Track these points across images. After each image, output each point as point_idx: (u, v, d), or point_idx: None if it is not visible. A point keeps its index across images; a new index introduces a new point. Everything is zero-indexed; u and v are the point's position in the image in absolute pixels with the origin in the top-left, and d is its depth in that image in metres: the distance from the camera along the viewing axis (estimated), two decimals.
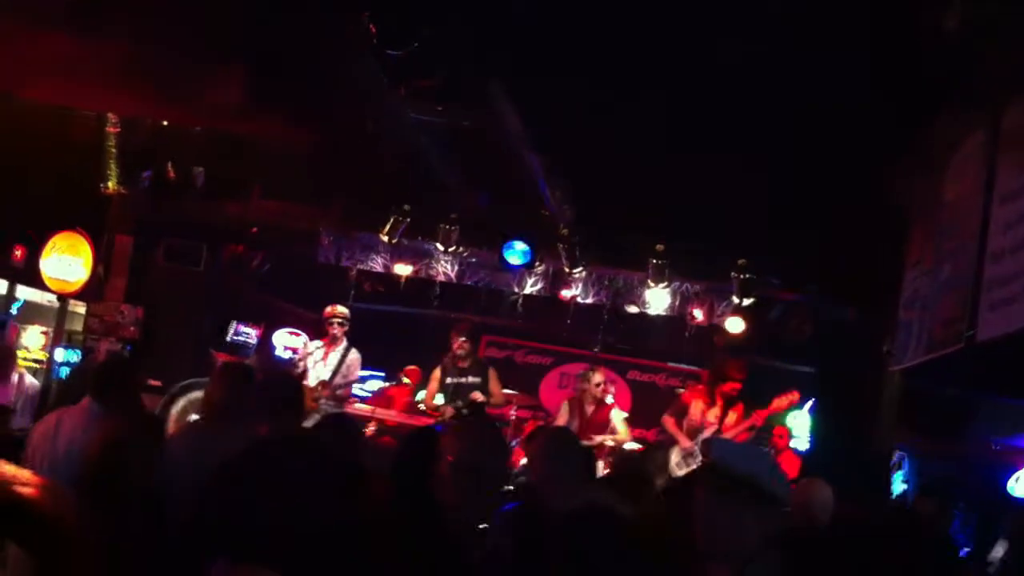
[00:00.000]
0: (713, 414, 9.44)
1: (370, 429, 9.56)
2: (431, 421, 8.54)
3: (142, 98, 8.21)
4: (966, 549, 8.59)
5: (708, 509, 2.84)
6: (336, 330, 9.08)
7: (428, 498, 3.14)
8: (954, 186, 6.64)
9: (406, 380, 11.01)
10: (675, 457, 9.24)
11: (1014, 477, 10.66)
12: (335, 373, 8.87)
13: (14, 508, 2.16)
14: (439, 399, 9.23)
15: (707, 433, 9.29)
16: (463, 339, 9.22)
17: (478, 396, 9.06)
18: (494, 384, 9.32)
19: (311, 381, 8.70)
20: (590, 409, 9.46)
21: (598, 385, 9.47)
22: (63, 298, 10.68)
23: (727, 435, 9.26)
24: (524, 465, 8.29)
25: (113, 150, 9.86)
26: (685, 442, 9.24)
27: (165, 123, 9.55)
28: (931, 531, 6.24)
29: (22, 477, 2.76)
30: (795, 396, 9.53)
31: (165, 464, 4.64)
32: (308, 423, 7.36)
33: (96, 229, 10.55)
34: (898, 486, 10.18)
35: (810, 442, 11.34)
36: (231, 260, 11.12)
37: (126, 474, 3.24)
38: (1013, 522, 5.90)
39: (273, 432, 4.36)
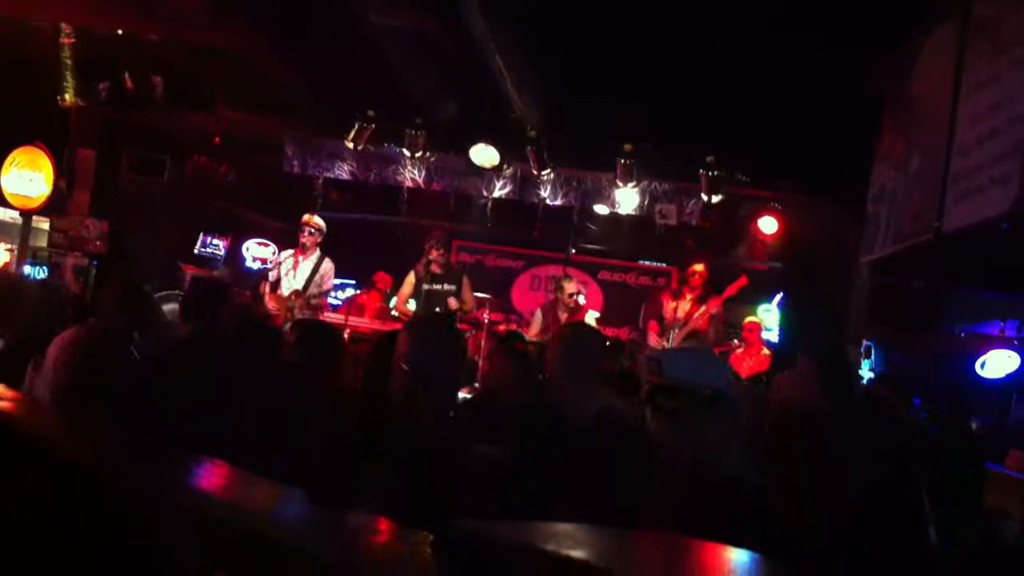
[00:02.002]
0: (683, 309, 9.55)
1: (344, 336, 9.57)
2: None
3: (97, 7, 7.98)
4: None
5: (668, 427, 2.90)
6: (307, 239, 8.97)
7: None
8: (924, 79, 6.63)
9: (380, 287, 10.99)
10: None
11: (979, 361, 10.88)
12: (309, 283, 8.82)
13: None
14: (411, 304, 9.20)
15: (676, 330, 9.43)
16: (438, 248, 9.17)
17: (453, 303, 9.05)
18: (467, 292, 9.30)
19: (284, 291, 8.68)
20: (563, 317, 9.52)
21: (571, 295, 9.50)
22: (26, 214, 10.54)
23: (691, 328, 9.41)
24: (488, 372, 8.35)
25: (68, 62, 9.61)
26: (654, 340, 9.42)
27: (120, 32, 9.30)
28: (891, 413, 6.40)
29: None
30: (743, 280, 9.63)
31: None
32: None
33: (57, 143, 10.38)
34: (866, 374, 10.37)
35: (780, 335, 11.48)
36: (196, 171, 10.97)
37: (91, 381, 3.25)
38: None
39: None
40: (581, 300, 9.69)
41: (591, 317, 9.72)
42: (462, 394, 5.75)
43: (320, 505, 1.94)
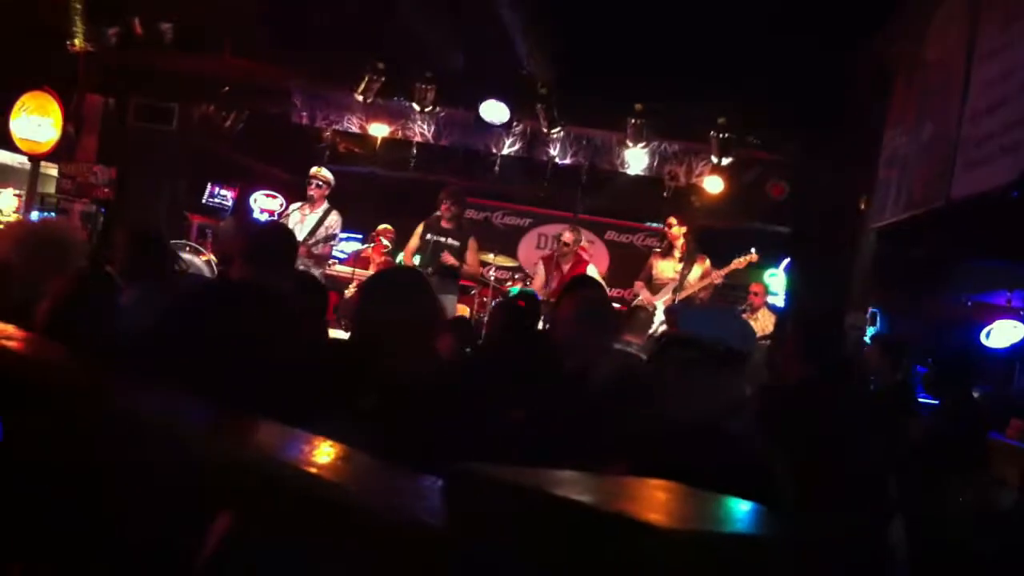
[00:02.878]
0: (672, 269, 9.60)
1: (350, 290, 9.59)
2: None
3: None
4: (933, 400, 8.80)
5: (679, 378, 2.90)
6: (314, 191, 9.04)
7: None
8: (937, 45, 6.57)
9: (384, 241, 10.94)
10: (658, 318, 9.38)
11: (985, 331, 10.86)
12: (311, 233, 8.85)
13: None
14: (416, 259, 9.16)
15: (667, 289, 9.49)
16: (451, 202, 9.12)
17: (448, 258, 8.97)
18: (471, 254, 9.23)
19: None
20: (567, 267, 9.58)
21: (570, 244, 9.63)
22: (34, 159, 10.54)
23: (688, 292, 9.46)
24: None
25: (78, 5, 9.60)
26: (648, 298, 9.49)
27: None
28: (878, 380, 6.47)
29: (6, 331, 2.80)
30: (753, 257, 9.66)
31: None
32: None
33: (65, 89, 10.34)
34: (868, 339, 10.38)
35: (785, 300, 11.48)
36: (203, 120, 10.92)
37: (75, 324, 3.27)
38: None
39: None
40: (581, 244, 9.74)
41: (592, 271, 9.75)
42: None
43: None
